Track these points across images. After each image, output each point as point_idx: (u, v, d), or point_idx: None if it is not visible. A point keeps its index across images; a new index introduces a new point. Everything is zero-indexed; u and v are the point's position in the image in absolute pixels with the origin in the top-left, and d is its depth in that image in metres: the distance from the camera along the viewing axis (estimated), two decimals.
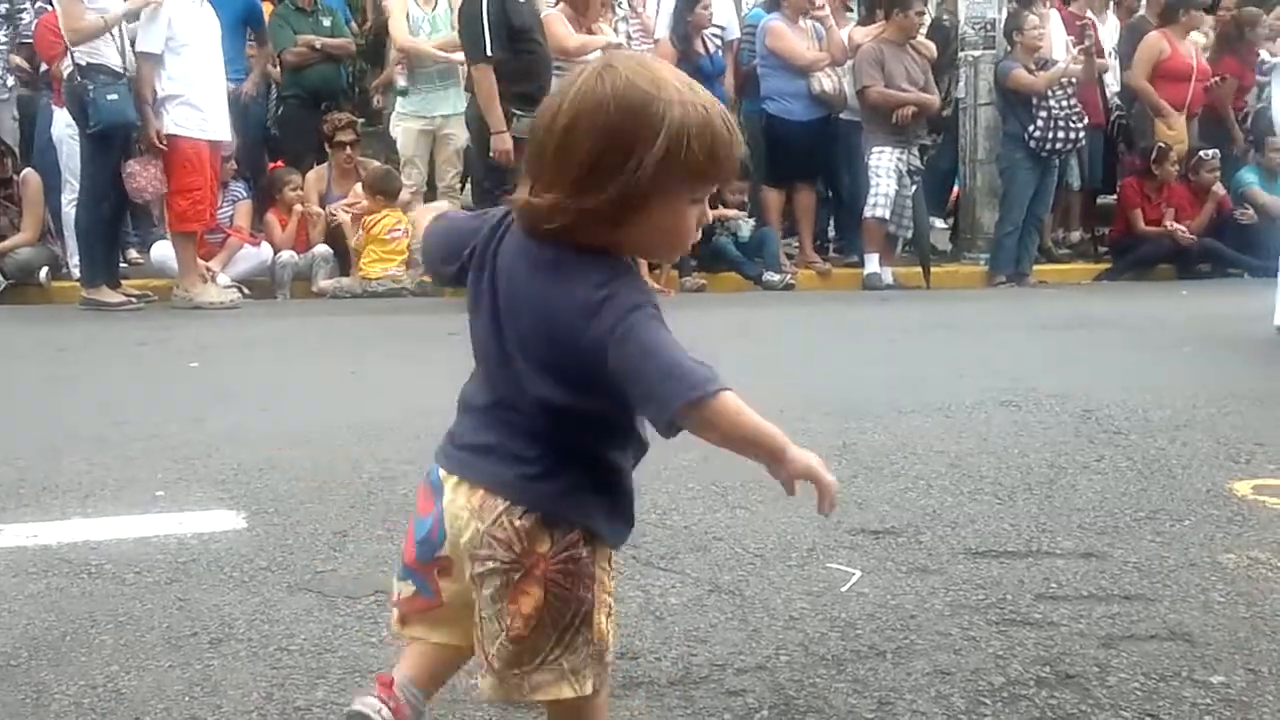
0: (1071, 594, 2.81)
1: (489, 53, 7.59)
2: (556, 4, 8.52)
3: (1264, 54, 9.77)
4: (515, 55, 7.65)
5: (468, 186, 9.05)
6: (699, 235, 1.70)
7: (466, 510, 1.69)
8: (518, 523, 1.65)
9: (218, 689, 2.32)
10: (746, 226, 9.53)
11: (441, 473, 1.74)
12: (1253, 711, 2.23)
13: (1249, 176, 10.05)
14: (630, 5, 9.76)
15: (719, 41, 9.68)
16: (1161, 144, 9.88)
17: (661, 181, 1.55)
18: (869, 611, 2.70)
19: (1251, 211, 9.85)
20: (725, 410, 1.56)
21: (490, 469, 1.68)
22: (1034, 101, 9.32)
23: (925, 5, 10.29)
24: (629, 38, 9.64)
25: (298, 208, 8.88)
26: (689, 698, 2.29)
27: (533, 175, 1.61)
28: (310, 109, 9.54)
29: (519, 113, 7.66)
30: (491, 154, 7.65)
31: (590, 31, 8.51)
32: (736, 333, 6.95)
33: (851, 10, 11.06)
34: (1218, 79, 10.28)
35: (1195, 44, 10.40)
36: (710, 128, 1.57)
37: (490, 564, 1.66)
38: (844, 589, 2.85)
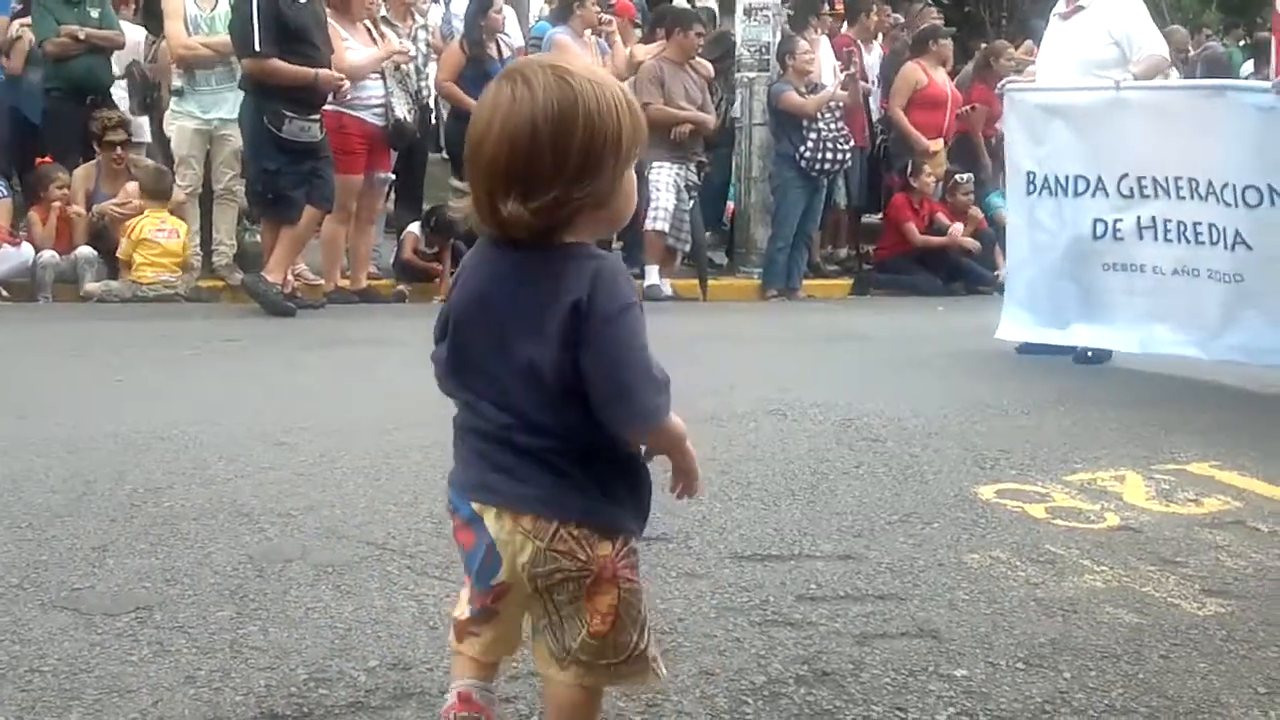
0: (829, 594, 2.95)
1: (257, 49, 7.45)
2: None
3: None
4: (289, 56, 7.52)
5: None
6: None
7: (519, 534, 1.77)
8: (575, 532, 1.77)
9: None
10: None
11: (474, 506, 1.81)
12: (991, 701, 2.39)
13: (998, 200, 10.68)
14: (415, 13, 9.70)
15: (510, 49, 9.70)
16: (913, 159, 10.38)
17: (629, 155, 1.73)
18: None
19: None
20: (668, 431, 1.83)
21: (525, 492, 1.77)
22: (804, 123, 9.67)
23: (705, 26, 10.55)
24: (428, 44, 9.57)
25: (55, 204, 8.44)
26: None
27: (519, 185, 1.67)
28: (75, 103, 9.08)
29: (290, 115, 7.52)
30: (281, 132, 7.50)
31: (377, 35, 8.46)
32: None
33: (640, 26, 11.25)
34: (969, 107, 10.89)
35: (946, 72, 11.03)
36: (635, 101, 1.77)
37: (559, 575, 1.78)
38: None
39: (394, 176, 9.20)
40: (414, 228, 9.12)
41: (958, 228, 10.46)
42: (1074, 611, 2.89)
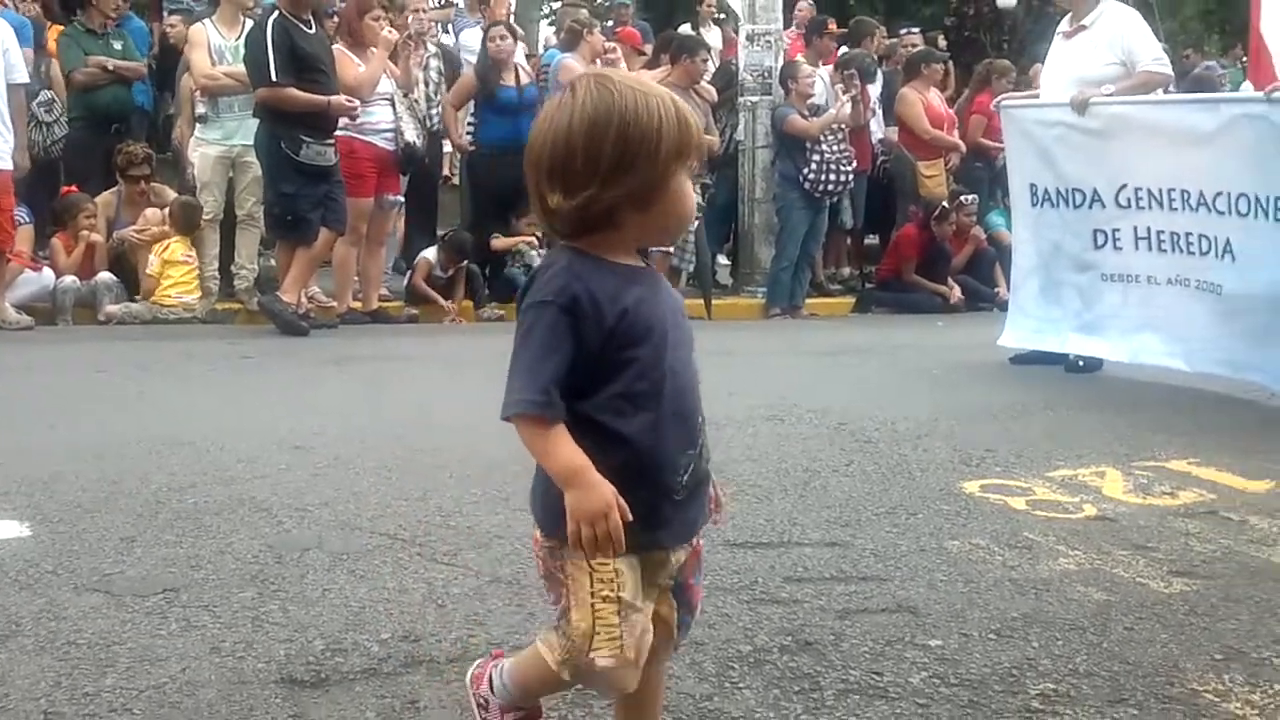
0: (816, 576, 3.13)
1: (274, 78, 7.69)
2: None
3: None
4: (302, 84, 7.77)
5: None
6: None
7: None
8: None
9: (5, 679, 2.40)
10: (538, 256, 9.77)
11: None
12: (962, 667, 2.56)
13: (998, 219, 10.86)
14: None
15: (529, 75, 9.92)
16: (943, 204, 10.54)
17: (676, 158, 1.80)
18: None
19: None
20: (522, 431, 1.81)
21: None
22: (808, 146, 9.86)
23: (709, 52, 10.78)
24: (439, 73, 9.81)
25: (84, 233, 8.68)
26: (466, 672, 2.47)
27: (559, 182, 1.80)
28: (99, 132, 9.35)
29: (307, 139, 7.77)
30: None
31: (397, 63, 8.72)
32: None
33: (644, 54, 11.49)
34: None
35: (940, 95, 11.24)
36: (690, 111, 1.84)
37: None
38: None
39: (403, 200, 9.41)
40: (428, 253, 9.32)
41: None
42: (1046, 590, 3.06)
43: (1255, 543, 3.51)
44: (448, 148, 10.27)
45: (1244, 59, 12.94)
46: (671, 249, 9.49)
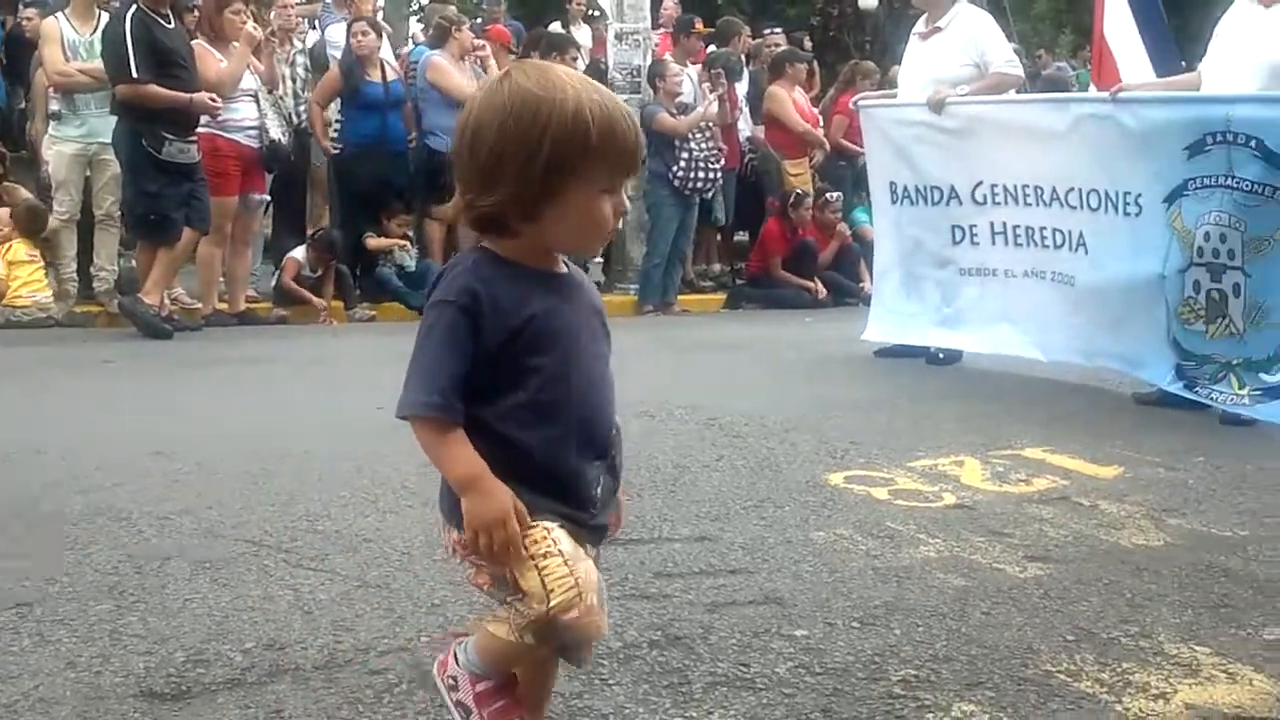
0: (685, 571, 3.17)
1: (134, 74, 7.50)
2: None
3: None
4: (163, 80, 7.58)
5: None
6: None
7: None
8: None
9: None
10: (411, 258, 9.70)
11: None
12: (827, 655, 2.62)
13: (862, 216, 11.09)
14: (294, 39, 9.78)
15: (396, 71, 9.81)
16: (799, 190, 10.74)
17: (565, 173, 1.69)
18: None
19: None
20: (418, 434, 1.77)
21: None
22: (677, 144, 9.94)
23: (578, 50, 10.79)
24: (306, 69, 9.64)
25: None
26: (333, 679, 2.45)
27: (460, 182, 1.76)
28: None
29: (169, 136, 7.58)
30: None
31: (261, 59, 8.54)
32: (402, 359, 7.10)
33: (515, 52, 11.44)
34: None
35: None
36: (609, 118, 1.71)
37: None
38: None
39: (269, 199, 9.23)
40: (296, 253, 9.16)
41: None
42: (907, 578, 3.14)
43: (1105, 527, 3.65)
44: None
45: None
46: None
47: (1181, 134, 5.43)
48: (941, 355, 6.87)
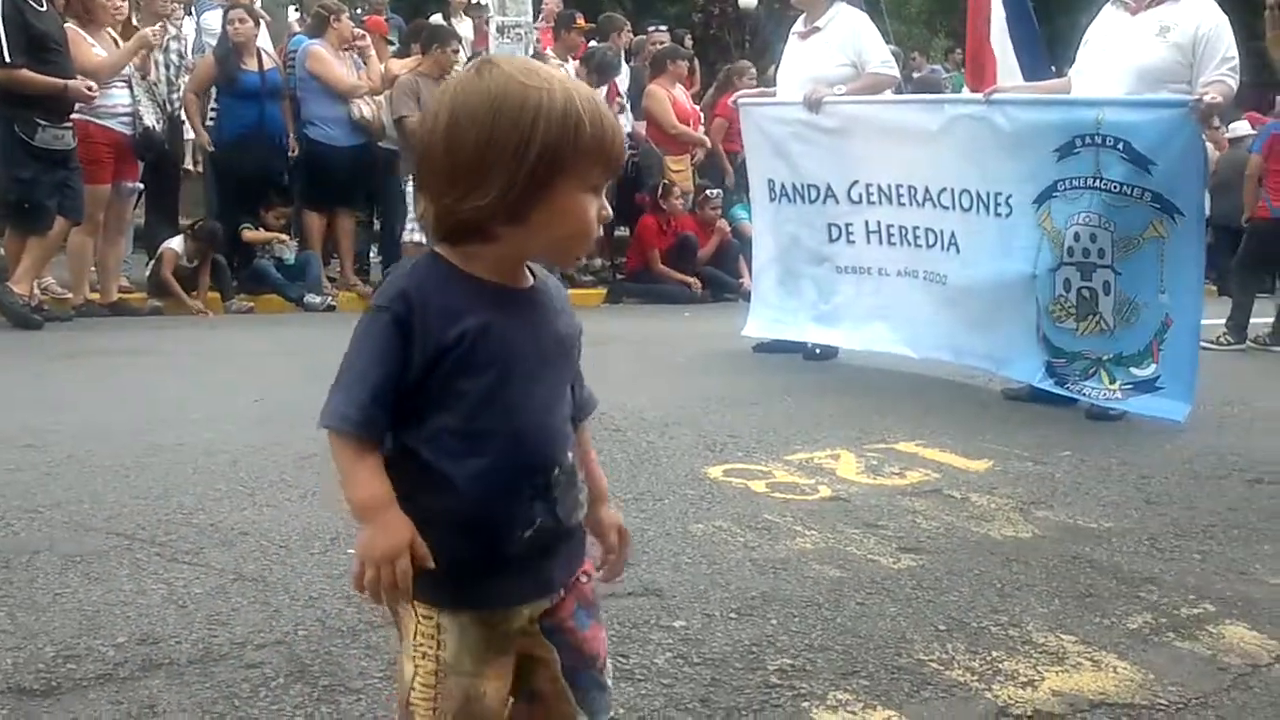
0: None
1: (7, 59, 7.29)
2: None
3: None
4: (36, 65, 7.37)
5: None
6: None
7: None
8: None
9: None
10: (290, 250, 9.56)
11: None
12: (705, 646, 2.66)
13: (742, 212, 11.21)
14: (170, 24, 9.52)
15: (274, 60, 9.64)
16: (665, 181, 10.83)
17: (555, 170, 1.53)
18: None
19: None
20: (333, 446, 1.57)
21: None
22: None
23: (460, 43, 10.71)
24: (180, 55, 9.41)
25: None
26: (208, 673, 2.43)
27: (426, 185, 1.58)
28: None
29: (43, 123, 7.38)
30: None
31: (118, 43, 8.30)
32: (281, 350, 7.09)
33: (394, 43, 11.33)
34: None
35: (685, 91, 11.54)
36: (598, 112, 1.56)
37: None
38: None
39: (142, 187, 9.01)
40: (173, 243, 8.94)
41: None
42: (784, 569, 3.21)
43: (975, 519, 3.77)
44: (188, 134, 9.89)
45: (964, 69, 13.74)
46: (425, 240, 9.41)
47: (1052, 136, 5.60)
48: (818, 351, 7.00)
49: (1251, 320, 8.82)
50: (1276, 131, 8.87)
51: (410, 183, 9.39)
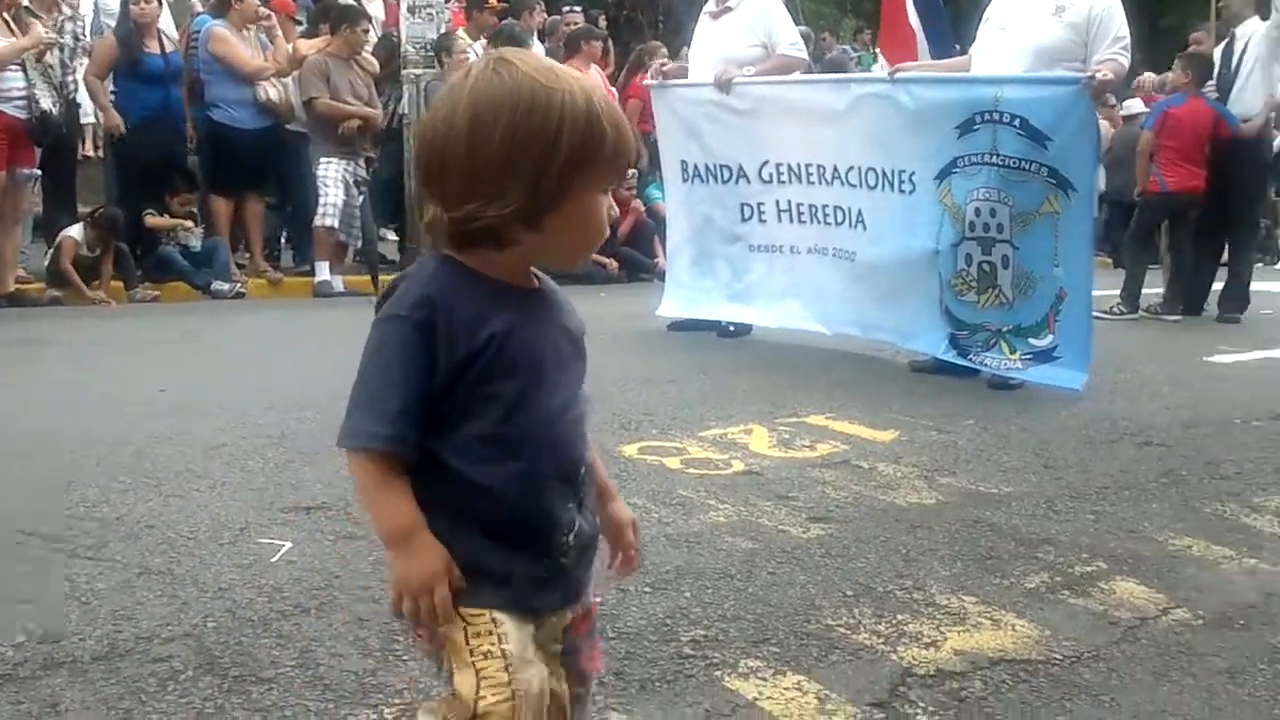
0: None
1: None
2: None
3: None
4: None
5: None
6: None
7: None
8: None
9: None
10: (196, 237, 9.37)
11: None
12: (620, 620, 2.68)
13: (656, 192, 11.24)
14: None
15: (173, 43, 9.43)
16: None
17: (578, 174, 1.48)
18: (296, 576, 2.92)
19: None
20: (357, 467, 1.52)
21: None
22: None
23: (370, 23, 10.58)
24: (76, 37, 9.16)
25: None
26: (114, 669, 2.39)
27: (439, 190, 1.50)
28: None
29: None
30: None
31: (16, 27, 8.07)
32: (187, 339, 6.94)
33: (301, 22, 11.14)
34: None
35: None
36: (614, 112, 1.51)
37: None
38: (274, 559, 3.04)
39: (39, 173, 8.77)
40: (73, 231, 8.71)
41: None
42: (698, 543, 3.24)
43: (882, 488, 3.84)
44: (85, 118, 9.66)
45: (874, 49, 13.83)
46: (336, 224, 9.31)
47: (953, 113, 5.69)
48: (732, 329, 7.05)
49: (1143, 291, 9.05)
50: (1168, 109, 9.07)
51: (322, 166, 9.29)
